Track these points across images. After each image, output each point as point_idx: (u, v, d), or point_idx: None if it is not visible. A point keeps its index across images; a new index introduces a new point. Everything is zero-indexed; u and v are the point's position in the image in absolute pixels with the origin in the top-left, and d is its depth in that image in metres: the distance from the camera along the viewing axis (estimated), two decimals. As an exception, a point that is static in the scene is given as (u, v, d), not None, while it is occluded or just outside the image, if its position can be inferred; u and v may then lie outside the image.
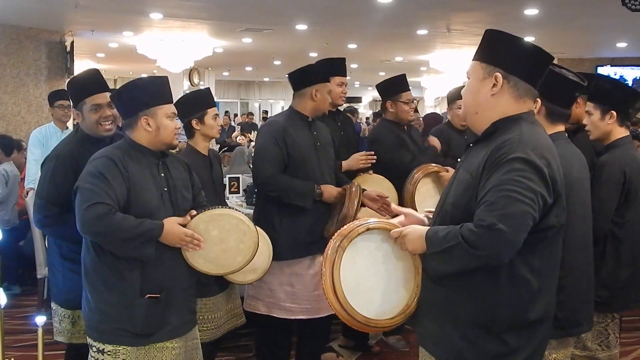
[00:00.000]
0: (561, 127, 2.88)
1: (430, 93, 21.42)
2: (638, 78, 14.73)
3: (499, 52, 2.22)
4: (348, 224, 2.47)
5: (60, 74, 11.20)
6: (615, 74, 13.85)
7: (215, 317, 3.71)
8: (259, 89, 27.52)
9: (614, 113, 3.21)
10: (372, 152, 4.32)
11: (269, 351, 4.03)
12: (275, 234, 3.72)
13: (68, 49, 11.24)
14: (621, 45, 12.89)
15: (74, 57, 11.35)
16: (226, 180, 5.61)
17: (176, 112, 3.01)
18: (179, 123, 3.01)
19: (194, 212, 2.97)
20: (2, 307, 2.48)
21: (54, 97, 6.20)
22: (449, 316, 2.22)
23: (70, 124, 6.74)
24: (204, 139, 3.79)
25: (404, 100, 4.57)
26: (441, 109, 21.39)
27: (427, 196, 4.21)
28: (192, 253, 2.93)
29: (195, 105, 3.79)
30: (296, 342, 4.22)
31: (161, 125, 2.88)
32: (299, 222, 3.81)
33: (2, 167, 6.47)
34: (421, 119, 8.44)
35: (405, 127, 4.69)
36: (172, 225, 2.82)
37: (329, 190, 3.80)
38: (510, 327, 2.15)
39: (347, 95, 4.49)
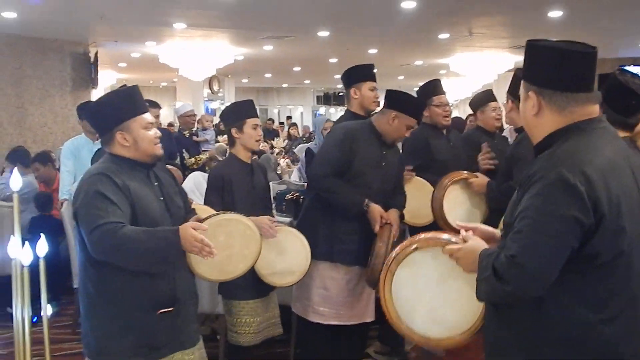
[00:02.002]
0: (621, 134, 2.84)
1: (449, 96, 21.33)
2: (660, 78, 14.60)
3: (530, 66, 2.05)
4: (400, 245, 2.46)
5: (84, 85, 11.35)
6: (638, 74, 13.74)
7: (254, 322, 3.76)
8: (277, 95, 27.65)
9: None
10: (411, 168, 4.33)
11: (307, 358, 4.05)
12: (316, 235, 3.79)
13: (92, 59, 11.38)
14: (644, 45, 12.83)
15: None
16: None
17: (153, 121, 2.87)
18: (158, 132, 2.86)
19: (201, 217, 2.94)
20: (48, 316, 2.53)
21: (84, 109, 6.26)
22: (501, 353, 2.06)
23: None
24: (244, 148, 3.85)
25: (436, 104, 4.60)
26: (459, 112, 21.31)
27: (455, 204, 4.18)
28: (197, 259, 2.79)
29: (236, 114, 3.89)
30: (331, 349, 4.22)
31: (138, 138, 2.75)
32: (340, 229, 3.85)
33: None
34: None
35: (444, 132, 4.72)
36: (186, 229, 2.64)
37: (374, 211, 3.80)
38: None
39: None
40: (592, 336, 1.90)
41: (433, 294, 2.36)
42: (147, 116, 2.83)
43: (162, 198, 2.82)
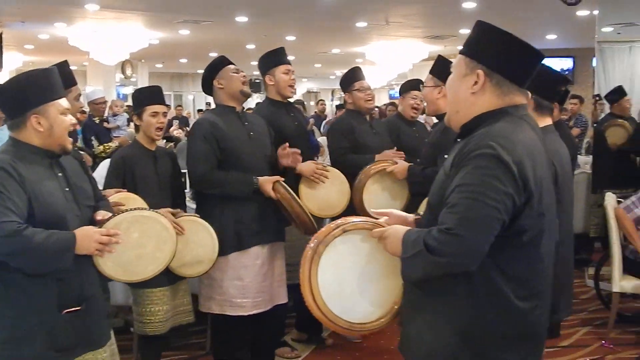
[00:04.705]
0: (549, 120, 2.91)
1: (365, 85, 21.61)
2: (565, 69, 15.30)
3: (485, 47, 2.05)
4: (325, 227, 2.40)
5: (-11, 67, 10.80)
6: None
7: (159, 310, 3.66)
8: (192, 81, 27.16)
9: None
10: (327, 169, 4.24)
11: (226, 351, 3.98)
12: (218, 228, 3.67)
13: (-3, 41, 10.85)
14: (551, 37, 13.35)
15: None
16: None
17: (69, 107, 2.71)
18: (73, 119, 2.70)
19: (109, 214, 2.78)
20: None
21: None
22: (427, 322, 2.09)
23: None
24: (146, 135, 3.79)
25: (357, 88, 4.66)
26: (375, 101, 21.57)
27: (375, 197, 4.15)
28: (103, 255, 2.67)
29: (137, 101, 3.84)
30: (251, 338, 4.18)
31: (55, 123, 2.58)
32: (241, 213, 3.78)
33: None
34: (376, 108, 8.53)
35: (367, 117, 4.76)
36: (84, 229, 2.57)
37: (264, 184, 3.74)
38: (490, 339, 2.00)
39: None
40: (515, 313, 1.98)
41: (355, 278, 2.35)
42: (64, 101, 2.67)
43: (67, 189, 2.66)
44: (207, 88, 4.01)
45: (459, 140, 2.12)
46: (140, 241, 2.82)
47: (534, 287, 2.02)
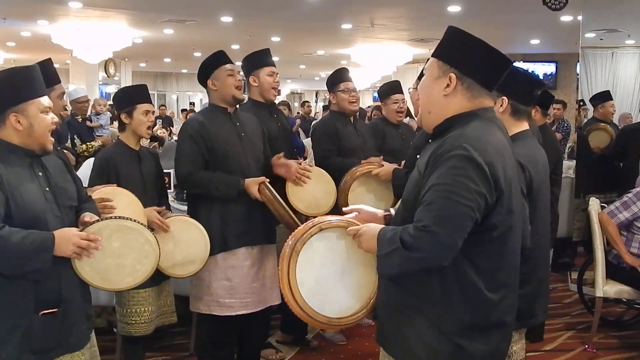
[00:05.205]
0: (526, 125, 2.92)
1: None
2: (548, 74, 15.39)
3: (457, 51, 2.15)
4: (302, 226, 2.47)
5: (-31, 64, 10.69)
6: (527, 70, 14.46)
7: (145, 311, 3.65)
8: (176, 81, 27.07)
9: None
10: (309, 169, 4.17)
11: (210, 352, 3.95)
12: (206, 228, 3.66)
13: (-22, 37, 10.74)
14: (534, 42, 13.40)
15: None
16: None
17: (51, 105, 2.65)
18: (55, 118, 2.67)
19: (96, 217, 2.77)
20: None
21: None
22: (404, 315, 2.17)
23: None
24: (133, 134, 3.75)
25: (342, 89, 4.65)
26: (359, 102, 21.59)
27: (361, 199, 4.17)
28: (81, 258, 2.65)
29: (126, 99, 3.78)
30: (234, 339, 4.15)
31: (35, 122, 2.54)
32: (228, 214, 3.77)
33: None
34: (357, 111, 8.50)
35: (352, 119, 4.74)
36: (63, 230, 2.54)
37: (250, 187, 3.72)
38: (463, 330, 2.10)
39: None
40: (486, 304, 2.10)
41: (332, 274, 2.43)
42: (45, 100, 2.63)
43: (47, 189, 2.62)
44: (203, 83, 3.98)
45: (430, 141, 2.24)
46: (121, 251, 2.78)
47: (503, 279, 2.14)
